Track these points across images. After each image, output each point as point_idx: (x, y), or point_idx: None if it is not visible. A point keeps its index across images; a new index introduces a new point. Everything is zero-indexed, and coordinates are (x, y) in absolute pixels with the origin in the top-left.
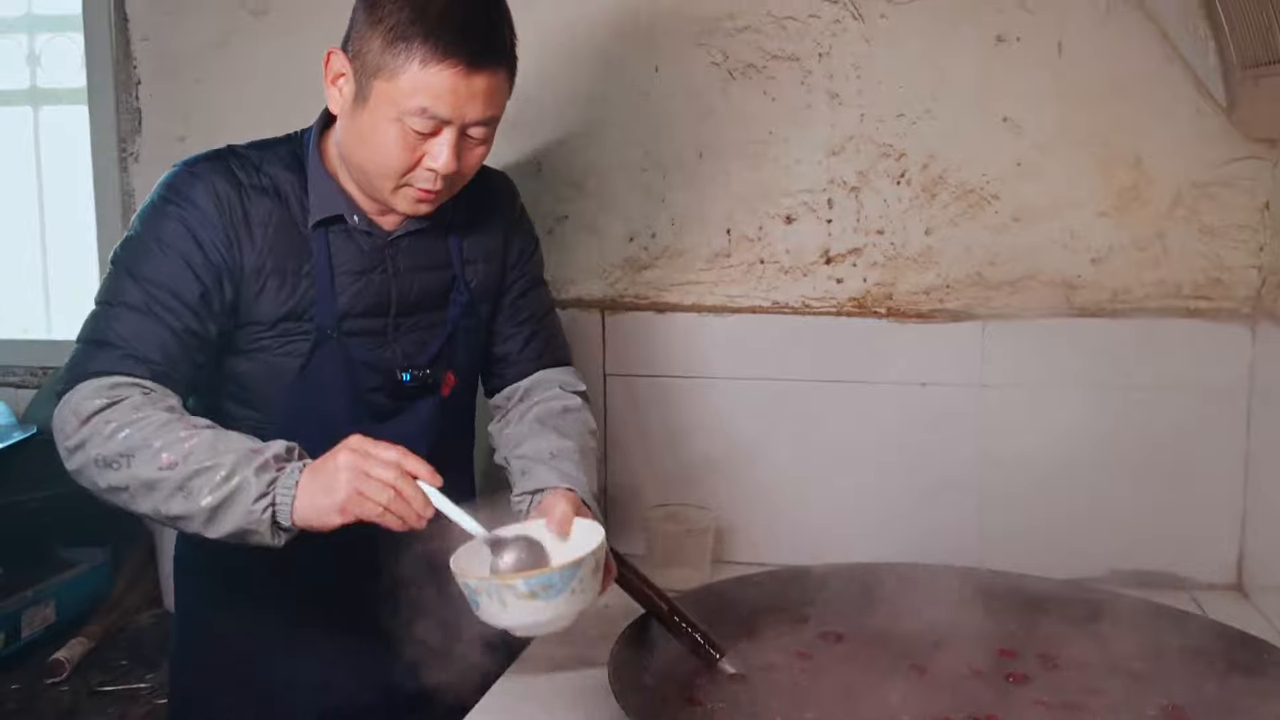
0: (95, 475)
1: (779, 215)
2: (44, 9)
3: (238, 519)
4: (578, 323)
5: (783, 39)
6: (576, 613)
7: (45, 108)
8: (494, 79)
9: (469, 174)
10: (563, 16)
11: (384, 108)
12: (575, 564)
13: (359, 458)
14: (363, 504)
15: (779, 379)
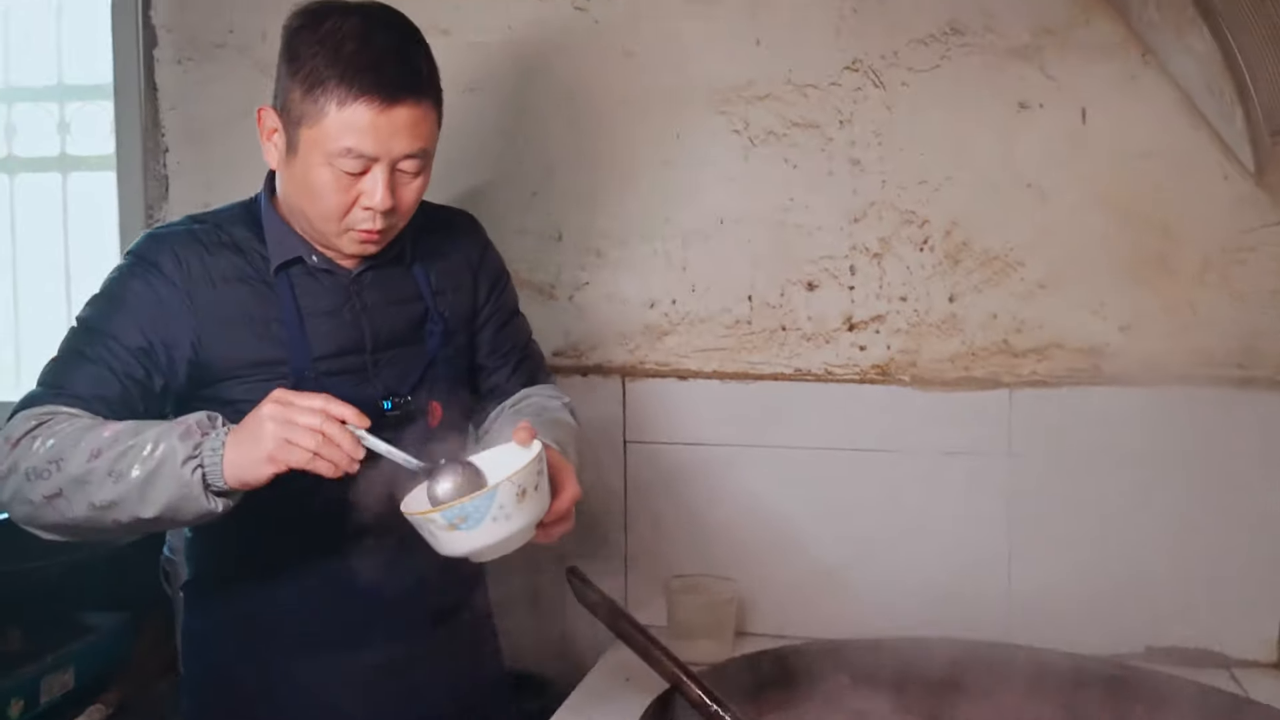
0: (28, 490)
1: (801, 282)
2: (75, 79)
3: (169, 488)
4: (598, 389)
5: (804, 107)
6: (513, 535)
7: (74, 174)
8: (415, 110)
9: (409, 209)
10: (583, 84)
11: (313, 154)
12: (489, 491)
13: (282, 407)
14: (290, 451)
15: (802, 447)
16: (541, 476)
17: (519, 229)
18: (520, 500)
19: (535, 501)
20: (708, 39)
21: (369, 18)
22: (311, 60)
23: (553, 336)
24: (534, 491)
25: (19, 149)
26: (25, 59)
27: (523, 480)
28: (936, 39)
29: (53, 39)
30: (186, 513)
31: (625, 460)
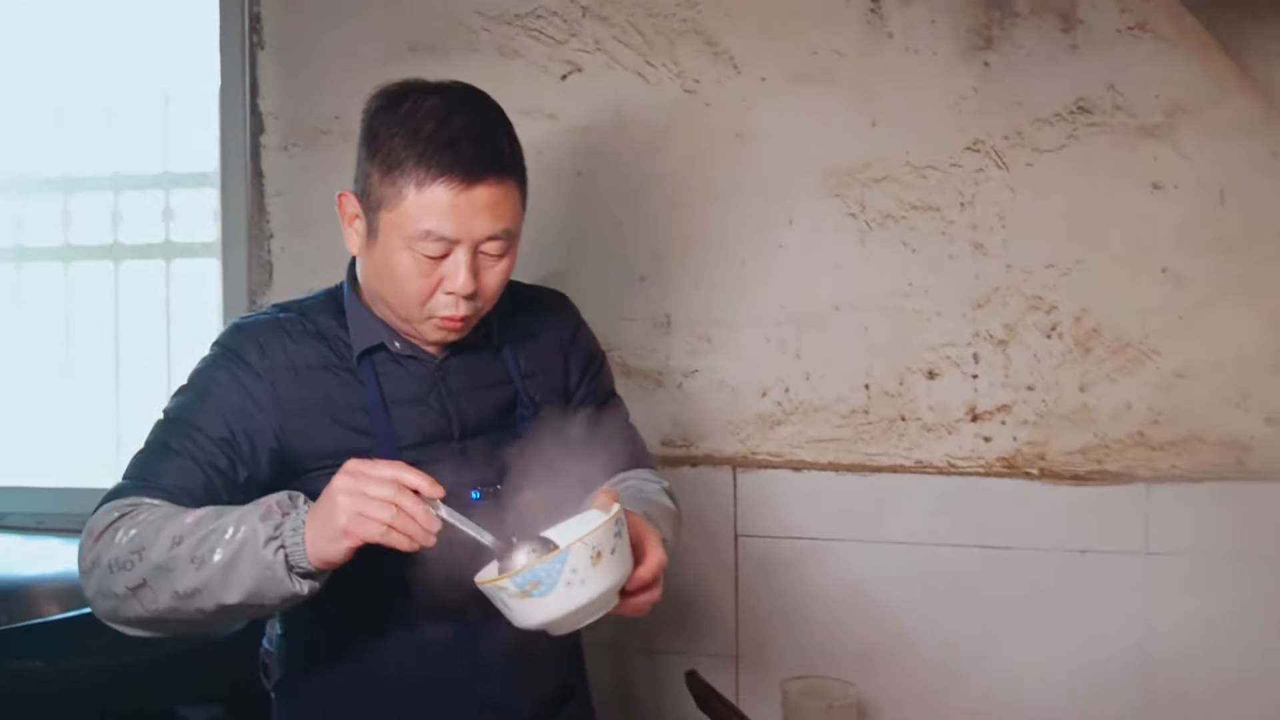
0: (111, 583)
1: (921, 370)
2: (180, 167)
3: (252, 571)
4: (708, 481)
5: (923, 189)
6: (590, 603)
7: (177, 260)
8: (497, 190)
9: (493, 293)
10: (693, 167)
11: (392, 238)
12: (561, 554)
13: (354, 479)
14: (365, 525)
15: (923, 543)
16: (620, 540)
17: (626, 315)
18: (595, 563)
19: (613, 566)
20: (821, 120)
21: (449, 97)
22: (389, 142)
23: (660, 425)
24: (610, 555)
25: (124, 236)
26: (132, 148)
27: (597, 542)
28: (1063, 118)
29: (159, 128)
30: (271, 596)
31: (737, 554)
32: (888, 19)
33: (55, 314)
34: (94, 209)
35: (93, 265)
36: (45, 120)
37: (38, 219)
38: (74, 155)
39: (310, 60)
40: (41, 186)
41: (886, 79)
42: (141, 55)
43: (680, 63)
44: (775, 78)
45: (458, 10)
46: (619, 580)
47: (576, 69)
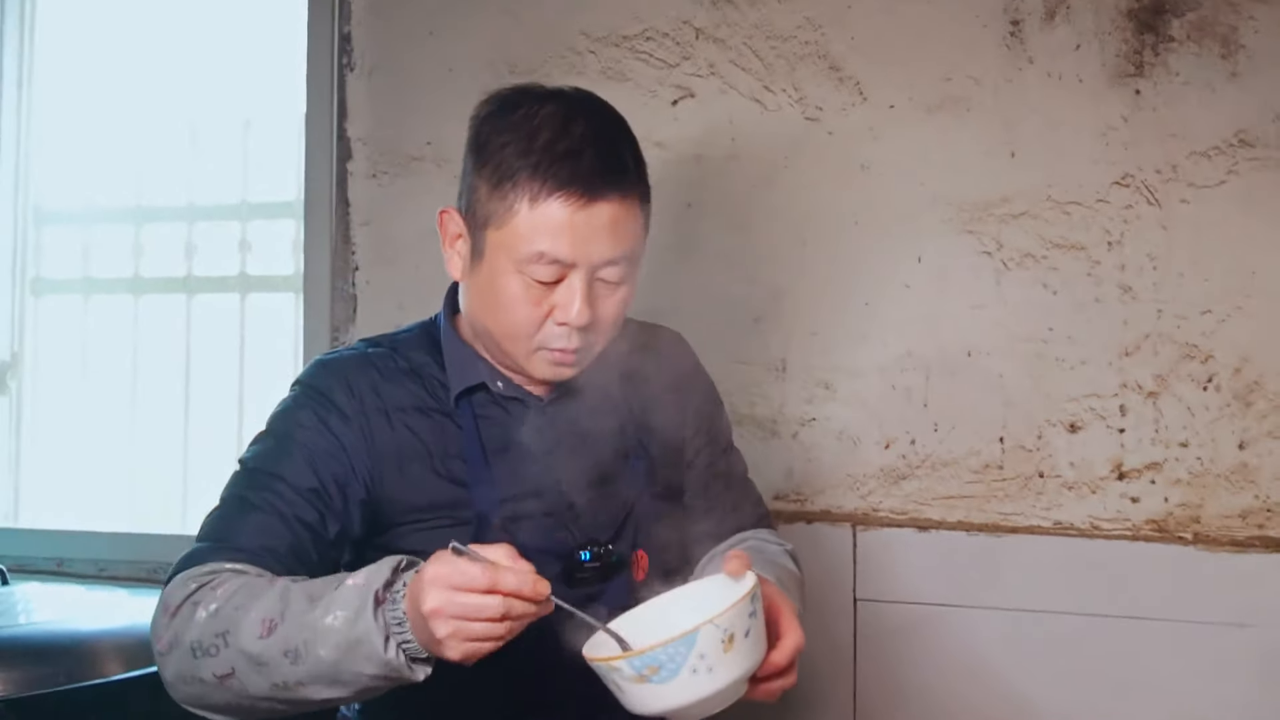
0: (196, 669)
1: (1062, 423)
2: (258, 196)
3: (368, 666)
4: (825, 539)
5: (1066, 226)
6: (717, 694)
7: (253, 294)
8: (619, 208)
9: (610, 326)
10: (814, 201)
11: (500, 260)
12: (688, 636)
13: (447, 598)
14: (479, 649)
15: (1062, 612)
16: (754, 620)
17: (739, 358)
18: (727, 648)
19: (746, 651)
20: (955, 150)
21: (568, 103)
22: (500, 151)
23: (774, 478)
24: (744, 639)
25: (198, 268)
26: (208, 176)
27: (730, 623)
28: (1222, 151)
29: (238, 155)
30: (386, 686)
31: (855, 619)
32: (1029, 42)
33: (124, 350)
34: (167, 240)
35: (164, 299)
36: (117, 146)
37: (107, 249)
38: (147, 183)
39: (402, 83)
40: (112, 215)
41: (1027, 107)
42: (221, 78)
43: (801, 88)
44: (904, 105)
45: (562, 30)
46: (752, 667)
47: (688, 94)
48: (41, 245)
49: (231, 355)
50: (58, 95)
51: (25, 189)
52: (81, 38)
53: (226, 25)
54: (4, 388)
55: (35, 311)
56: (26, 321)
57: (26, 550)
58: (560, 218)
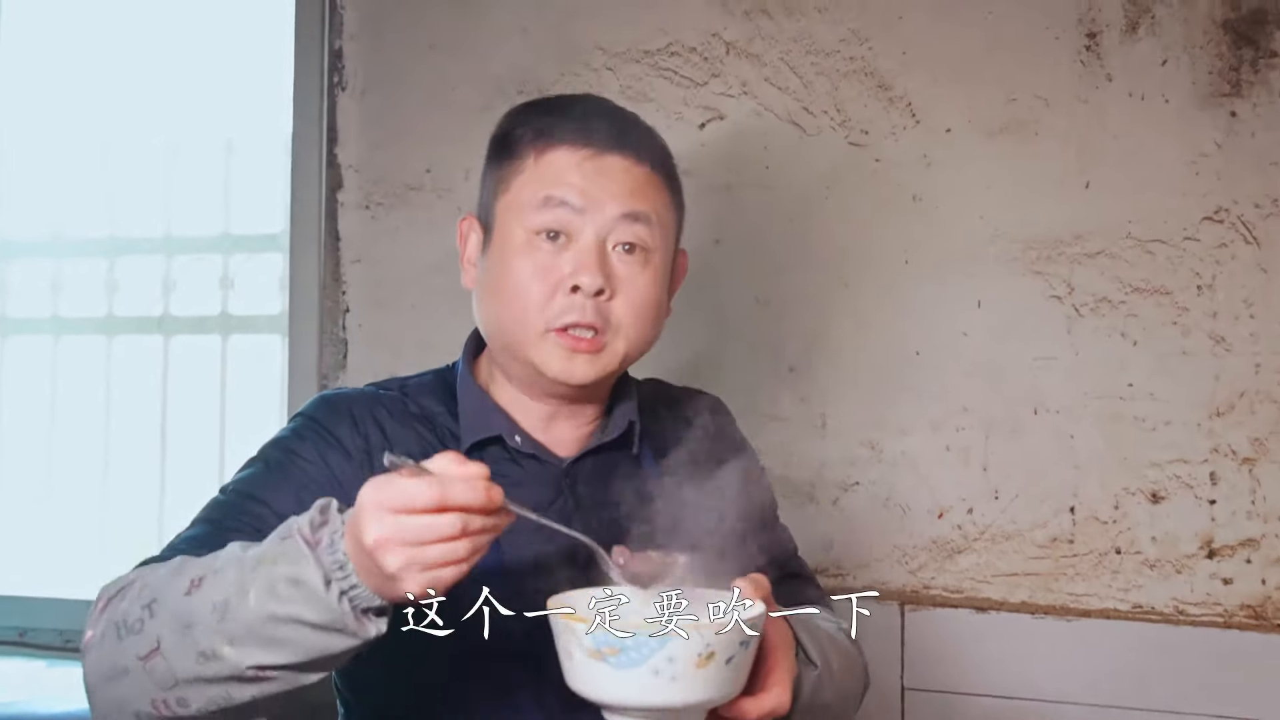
0: (118, 654)
1: (1142, 491)
2: (242, 228)
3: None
4: (869, 619)
5: (1148, 267)
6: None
7: (234, 336)
8: (636, 168)
9: (634, 308)
10: (859, 237)
11: (510, 225)
12: (665, 635)
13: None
14: (440, 577)
15: (1141, 709)
16: (743, 650)
17: (772, 413)
18: (700, 665)
19: (719, 679)
20: (1020, 181)
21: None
22: (512, 131)
23: (811, 549)
24: (724, 665)
25: (176, 307)
26: (188, 205)
27: (715, 641)
28: None
29: (220, 181)
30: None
31: (903, 712)
32: (1107, 58)
33: (95, 395)
34: (143, 275)
35: (140, 339)
36: (88, 171)
37: (78, 285)
38: (121, 212)
39: (399, 104)
40: (83, 248)
41: (1104, 131)
42: (201, 96)
43: (845, 109)
44: (963, 129)
45: (577, 45)
46: (717, 698)
47: (718, 116)
48: (6, 281)
49: (212, 402)
50: (21, 115)
51: None
52: (47, 53)
53: (207, 38)
54: None
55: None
56: None
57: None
58: (568, 163)
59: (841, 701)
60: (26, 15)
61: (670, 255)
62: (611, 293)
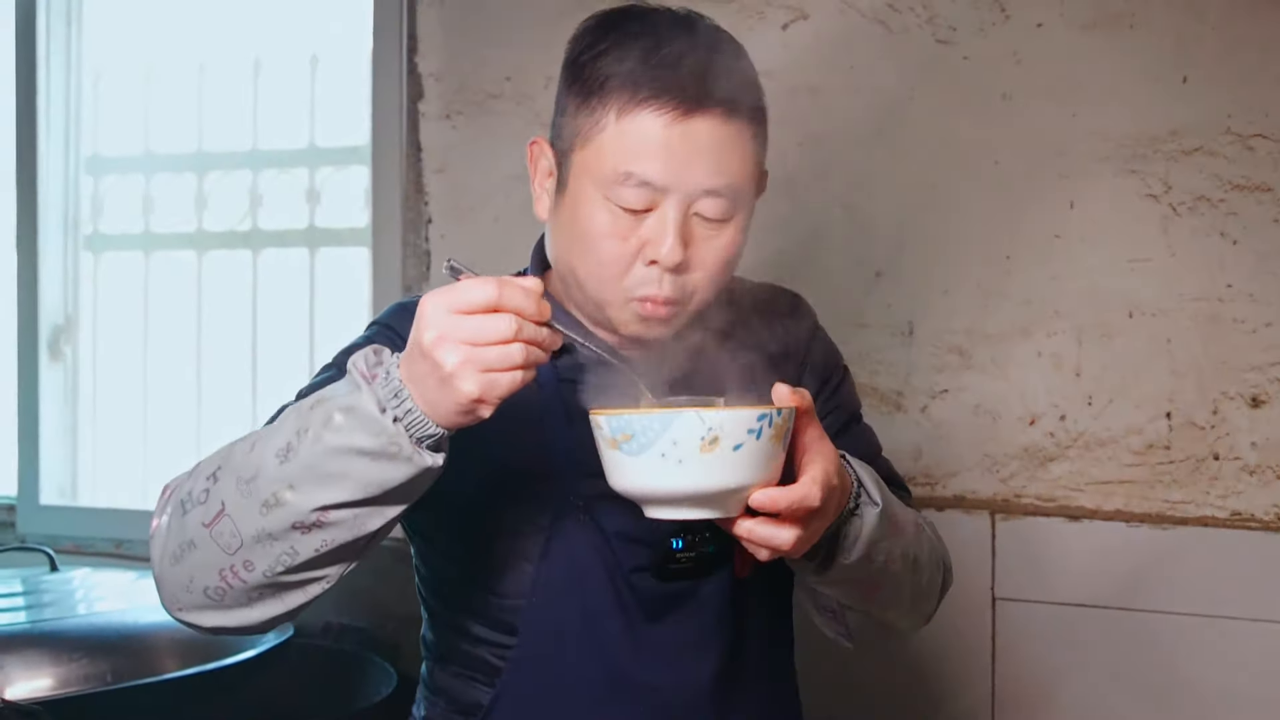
0: (184, 530)
1: (1242, 395)
2: (327, 141)
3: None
4: (958, 528)
5: (1249, 164)
6: (682, 493)
7: (322, 249)
8: (723, 129)
9: (712, 276)
10: (946, 138)
11: (585, 185)
12: (667, 415)
13: (451, 331)
14: (497, 385)
15: (1240, 618)
16: (758, 441)
17: (858, 320)
18: (705, 449)
19: (731, 465)
20: (1114, 76)
21: (674, 16)
22: (591, 64)
23: (900, 458)
24: (732, 451)
25: (264, 221)
26: (275, 119)
27: (719, 424)
28: None
29: (305, 95)
30: (391, 481)
31: (994, 622)
32: None
33: (187, 309)
34: (231, 189)
35: (229, 254)
36: (176, 87)
37: (168, 201)
38: (209, 127)
39: (478, 11)
40: (173, 164)
41: (1202, 22)
42: (284, 9)
43: (931, 6)
44: (1054, 23)
45: None
46: (731, 484)
47: (801, 15)
48: (99, 197)
49: (301, 315)
50: (110, 33)
51: (76, 136)
52: None
53: None
54: (58, 354)
55: (93, 270)
56: (82, 281)
57: (84, 530)
58: (651, 132)
59: (911, 568)
60: None
61: (753, 200)
62: (690, 263)
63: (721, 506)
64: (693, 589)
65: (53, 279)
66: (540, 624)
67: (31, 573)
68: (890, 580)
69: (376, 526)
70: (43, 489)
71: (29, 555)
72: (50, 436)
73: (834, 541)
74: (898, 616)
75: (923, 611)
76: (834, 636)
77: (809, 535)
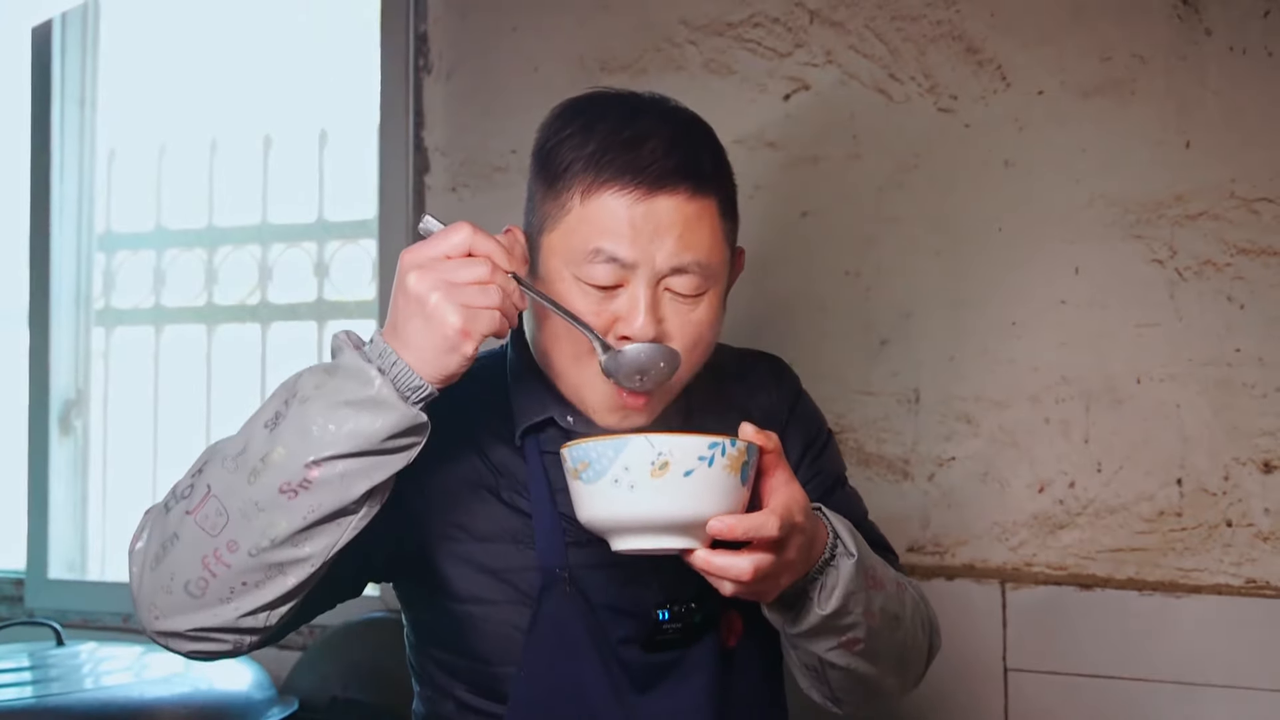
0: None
1: (1254, 461)
2: (336, 215)
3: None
4: (970, 598)
5: (1254, 228)
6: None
7: (330, 322)
8: (688, 207)
9: (689, 351)
10: (950, 205)
11: (555, 266)
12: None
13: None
14: (479, 319)
15: (1260, 688)
16: (710, 469)
17: (864, 388)
18: (655, 474)
19: (681, 491)
20: (1117, 142)
21: (639, 99)
22: (557, 149)
23: (908, 527)
24: (682, 477)
25: (273, 294)
26: (285, 194)
27: (669, 449)
28: None
29: (314, 170)
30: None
31: (1006, 694)
32: (1205, 11)
33: (197, 382)
34: (240, 264)
35: (239, 328)
36: (187, 163)
37: (179, 275)
38: (219, 202)
39: (484, 86)
40: (183, 239)
41: (1204, 88)
42: (295, 87)
43: (933, 75)
44: (1055, 90)
45: (659, 21)
46: (685, 512)
47: (803, 86)
48: (111, 272)
49: None
50: (123, 111)
51: (89, 212)
52: (145, 53)
53: (299, 31)
54: (69, 428)
55: (104, 344)
56: (94, 355)
57: (92, 604)
58: (617, 209)
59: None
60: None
61: (726, 274)
62: (665, 338)
63: (681, 537)
64: (680, 659)
65: (64, 353)
66: (530, 693)
67: (38, 647)
68: (870, 635)
69: (363, 490)
70: (51, 563)
71: (36, 630)
72: (59, 511)
73: (809, 592)
74: (881, 675)
75: (909, 674)
76: (821, 700)
77: (772, 572)
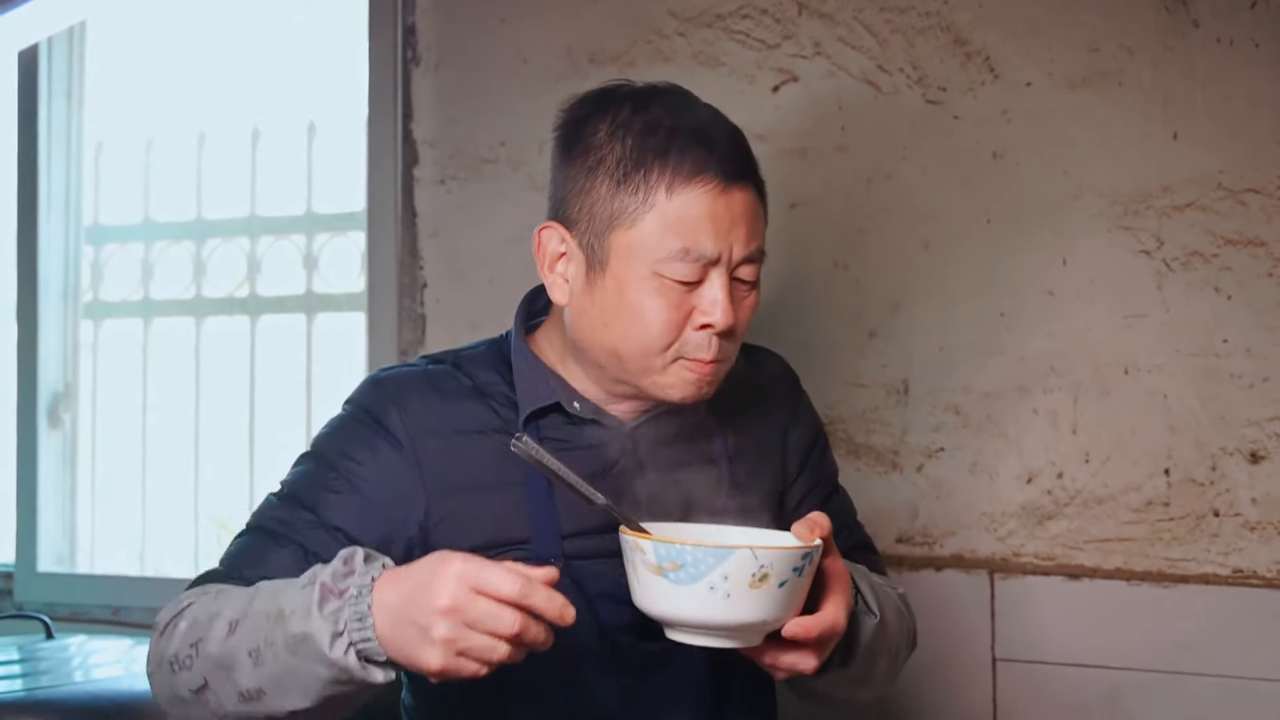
0: (175, 685)
1: (1240, 451)
2: (325, 207)
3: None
4: (958, 589)
5: (1241, 218)
6: (723, 625)
7: (320, 315)
8: (750, 198)
9: (742, 334)
10: (938, 197)
11: (633, 264)
12: (723, 550)
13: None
14: (465, 667)
15: (1246, 677)
16: (798, 577)
17: (853, 379)
18: (755, 585)
19: (773, 601)
20: (1104, 133)
21: (670, 94)
22: (622, 144)
23: (896, 518)
24: (777, 588)
25: (262, 287)
26: (273, 186)
27: (771, 562)
28: None
29: (303, 163)
30: (349, 693)
31: (994, 684)
32: (1192, 3)
33: (185, 376)
34: (230, 256)
35: (228, 321)
36: (175, 156)
37: (167, 268)
38: (208, 196)
39: (471, 77)
40: (172, 231)
41: (1191, 80)
42: (282, 79)
43: (921, 67)
44: (1043, 82)
45: (647, 11)
46: (770, 620)
47: (791, 78)
48: (99, 265)
49: (298, 380)
50: (111, 104)
51: (77, 205)
52: (132, 45)
53: (287, 23)
54: (57, 421)
55: (93, 337)
56: (82, 348)
57: (81, 597)
58: (702, 207)
59: (891, 659)
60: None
61: None
62: (735, 322)
63: (751, 636)
64: (675, 647)
65: (52, 347)
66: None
67: (28, 640)
68: (874, 675)
69: (349, 712)
70: (40, 556)
71: (25, 623)
72: (48, 503)
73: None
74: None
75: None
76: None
77: (826, 655)
